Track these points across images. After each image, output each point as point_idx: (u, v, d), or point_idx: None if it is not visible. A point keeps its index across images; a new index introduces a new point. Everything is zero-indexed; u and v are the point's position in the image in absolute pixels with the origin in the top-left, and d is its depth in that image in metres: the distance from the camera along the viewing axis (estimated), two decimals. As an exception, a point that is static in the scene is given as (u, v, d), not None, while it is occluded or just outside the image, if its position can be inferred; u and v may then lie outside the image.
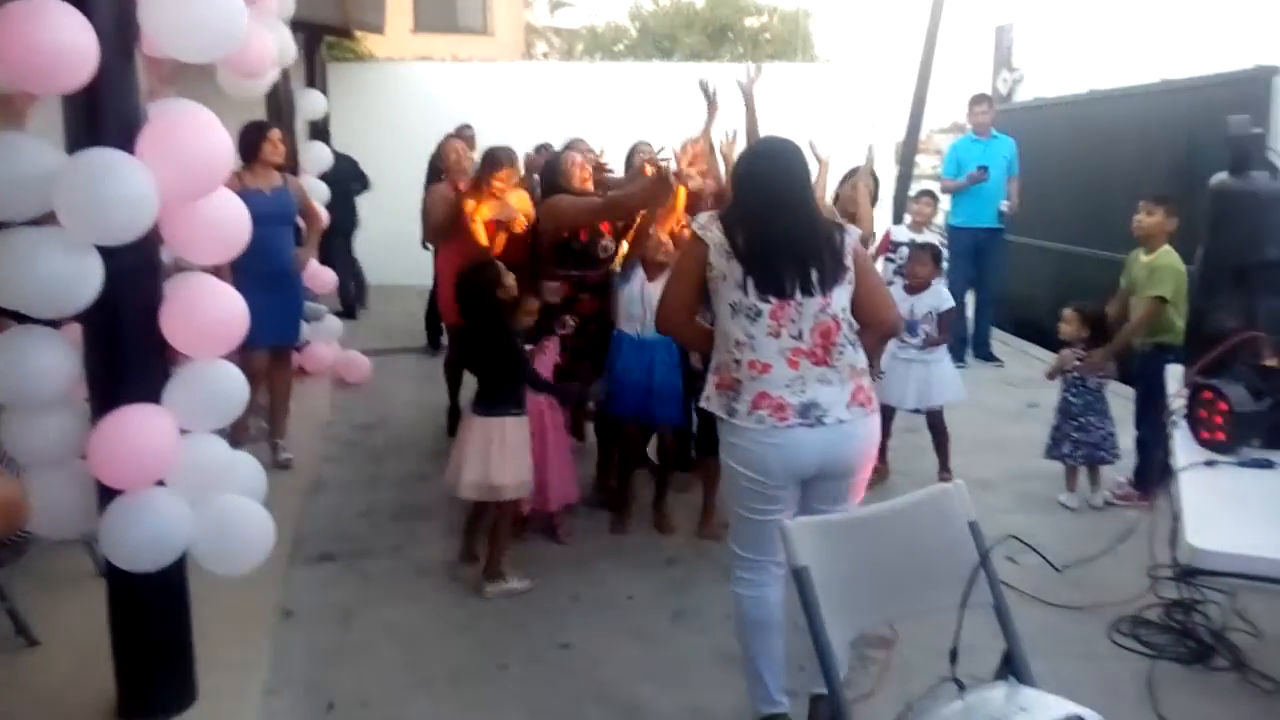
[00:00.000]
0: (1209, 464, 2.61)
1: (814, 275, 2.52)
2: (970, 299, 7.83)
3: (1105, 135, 7.62)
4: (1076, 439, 4.59)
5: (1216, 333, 2.94)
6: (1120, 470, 4.69)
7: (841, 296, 2.56)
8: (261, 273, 4.19)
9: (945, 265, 5.29)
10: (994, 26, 10.06)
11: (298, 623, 3.47)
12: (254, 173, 4.71)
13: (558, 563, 3.94)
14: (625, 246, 4.25)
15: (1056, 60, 8.76)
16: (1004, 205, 7.49)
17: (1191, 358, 3.06)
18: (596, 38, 30.88)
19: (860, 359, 2.58)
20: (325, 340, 6.76)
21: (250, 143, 4.69)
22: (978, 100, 7.67)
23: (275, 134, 4.83)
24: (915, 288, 4.89)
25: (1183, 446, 2.74)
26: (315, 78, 9.31)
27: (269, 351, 4.88)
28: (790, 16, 28.11)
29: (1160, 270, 4.38)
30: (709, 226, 2.59)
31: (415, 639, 3.37)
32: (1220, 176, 3.08)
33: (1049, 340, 7.66)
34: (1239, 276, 3.02)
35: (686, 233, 2.71)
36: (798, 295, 2.50)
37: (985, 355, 7.58)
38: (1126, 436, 4.66)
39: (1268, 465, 2.58)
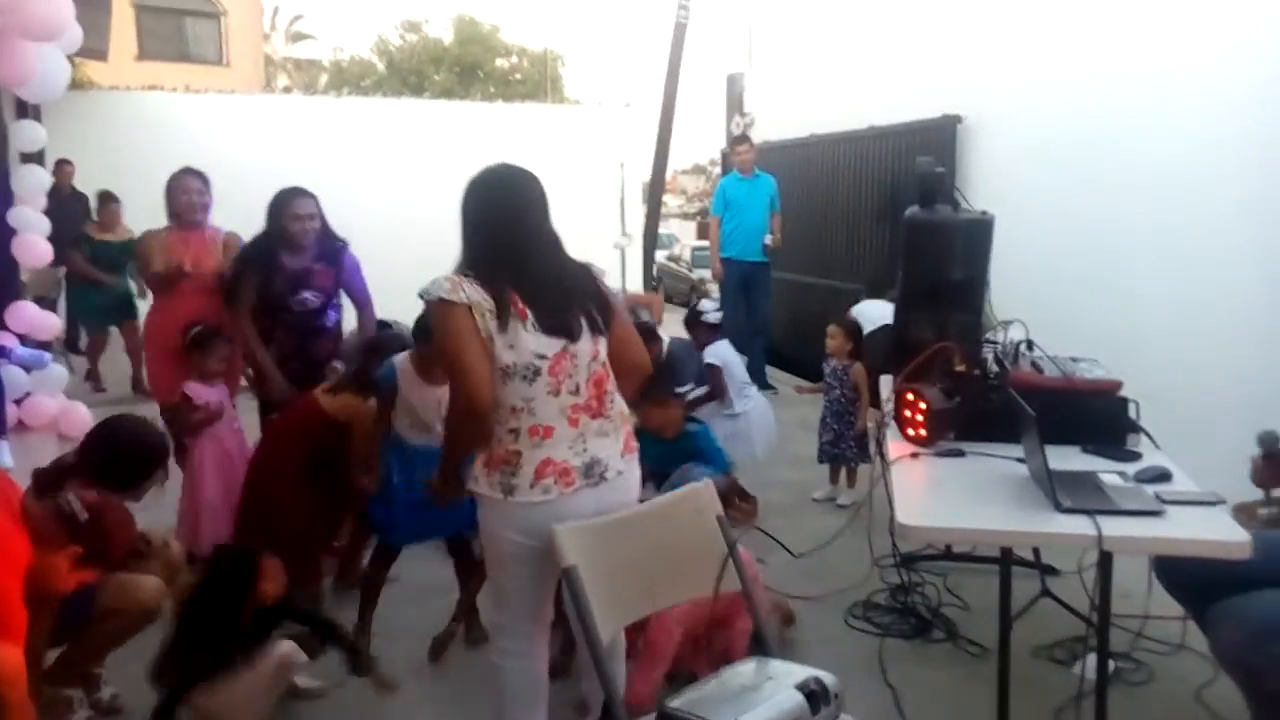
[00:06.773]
0: (914, 456, 3.00)
1: (593, 313, 2.39)
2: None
3: (825, 174, 8.46)
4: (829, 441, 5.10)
5: (916, 344, 3.39)
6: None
7: (605, 341, 2.44)
8: None
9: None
10: (725, 74, 10.85)
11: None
12: None
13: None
14: None
15: (782, 106, 9.57)
16: (767, 239, 7.87)
17: (898, 368, 3.47)
18: (341, 72, 30.15)
19: (623, 403, 2.51)
20: (49, 391, 6.19)
21: None
22: (739, 141, 8.10)
23: None
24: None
25: (893, 443, 3.12)
26: (27, 105, 8.53)
27: None
28: (539, 58, 28.78)
29: None
30: (457, 286, 2.23)
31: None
32: (913, 209, 3.54)
33: (782, 361, 8.32)
34: (931, 295, 3.47)
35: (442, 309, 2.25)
36: (582, 337, 2.34)
37: (762, 384, 7.33)
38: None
39: (959, 454, 3.01)
